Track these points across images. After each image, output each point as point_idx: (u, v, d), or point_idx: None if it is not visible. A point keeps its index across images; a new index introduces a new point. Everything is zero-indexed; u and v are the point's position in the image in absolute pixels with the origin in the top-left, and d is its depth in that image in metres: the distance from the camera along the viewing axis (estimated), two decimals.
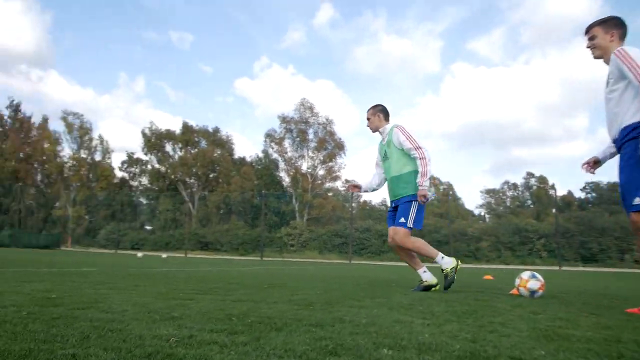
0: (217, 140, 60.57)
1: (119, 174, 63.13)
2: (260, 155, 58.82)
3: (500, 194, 72.59)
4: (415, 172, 4.91)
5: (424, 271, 5.03)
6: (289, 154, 55.00)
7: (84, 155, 60.62)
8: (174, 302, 3.20)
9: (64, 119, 59.93)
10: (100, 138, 62.35)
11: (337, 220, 48.17)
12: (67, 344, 1.72)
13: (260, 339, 1.91)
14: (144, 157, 60.76)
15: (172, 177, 58.27)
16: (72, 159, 60.05)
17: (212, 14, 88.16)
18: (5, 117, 62.83)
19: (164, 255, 26.18)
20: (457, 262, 4.98)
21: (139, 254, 24.67)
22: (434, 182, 51.37)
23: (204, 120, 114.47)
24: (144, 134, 58.51)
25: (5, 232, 43.07)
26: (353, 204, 50.68)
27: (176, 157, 59.28)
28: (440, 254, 4.95)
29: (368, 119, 5.36)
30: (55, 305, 2.77)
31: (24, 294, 3.41)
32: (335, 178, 55.65)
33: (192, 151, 59.25)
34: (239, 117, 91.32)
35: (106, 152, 62.26)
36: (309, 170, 54.35)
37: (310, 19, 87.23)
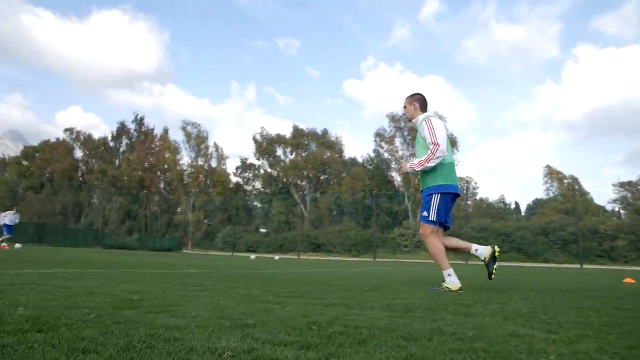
0: (327, 142, 60.59)
1: (234, 179, 65.37)
2: (372, 155, 57.75)
3: (639, 187, 65.15)
4: (440, 165, 4.79)
5: (449, 274, 4.76)
6: (400, 152, 53.45)
7: (201, 163, 63.45)
8: (258, 306, 2.98)
9: (184, 128, 63.16)
10: (215, 145, 64.88)
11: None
12: (102, 356, 1.53)
13: (331, 357, 1.64)
14: (257, 162, 62.33)
15: (284, 180, 59.07)
16: (190, 167, 63.12)
17: (316, 19, 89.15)
18: (132, 131, 67.72)
19: (277, 257, 26.15)
20: (494, 248, 4.83)
21: (252, 256, 24.62)
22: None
23: (313, 123, 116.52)
24: (255, 140, 59.96)
25: (134, 236, 45.84)
26: (468, 202, 47.91)
27: (287, 160, 60.06)
28: (450, 270, 4.78)
29: (404, 107, 5.22)
30: (131, 308, 2.67)
31: (110, 295, 3.31)
32: None
33: (303, 154, 59.66)
34: (347, 118, 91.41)
35: (221, 158, 64.71)
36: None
37: (416, 14, 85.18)
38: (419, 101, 5.11)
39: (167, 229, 61.28)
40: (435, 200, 4.76)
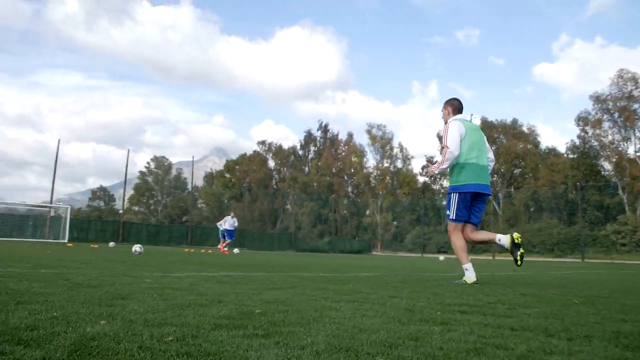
0: (518, 134, 55.86)
1: (421, 179, 63.80)
2: (576, 142, 51.54)
3: None
4: (458, 166, 5.07)
5: (466, 269, 5.03)
6: (609, 137, 46.74)
7: (386, 164, 63.25)
8: (410, 328, 2.03)
9: (368, 131, 63.62)
10: (400, 146, 64.12)
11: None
12: None
13: None
14: None
15: None
16: (376, 169, 63.29)
17: (497, 2, 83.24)
18: (318, 138, 70.42)
19: (442, 258, 24.42)
20: (512, 236, 4.86)
21: (441, 257, 23.11)
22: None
23: (502, 115, 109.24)
24: (439, 138, 57.69)
25: (325, 239, 47.11)
26: None
27: None
28: (468, 264, 5.05)
29: (442, 111, 5.48)
30: (234, 327, 1.90)
31: (235, 305, 2.59)
32: None
33: (492, 148, 55.74)
34: (541, 106, 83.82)
35: (406, 159, 63.74)
36: (639, 154, 45.05)
37: None
38: (452, 106, 5.40)
39: (357, 231, 62.18)
40: (454, 199, 5.10)
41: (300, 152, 71.39)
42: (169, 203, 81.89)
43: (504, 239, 4.91)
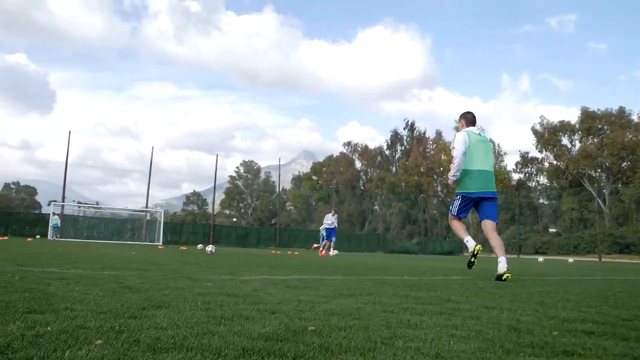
0: (626, 123, 51.04)
1: (515, 175, 60.56)
2: None
3: None
4: (464, 172, 5.68)
5: (467, 240, 5.85)
6: None
7: None
8: (521, 358, 1.54)
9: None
10: (492, 142, 61.34)
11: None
12: None
13: None
14: (539, 155, 56.54)
15: (573, 172, 51.97)
16: None
17: None
18: (405, 137, 69.00)
19: (570, 260, 22.51)
20: (476, 246, 5.63)
21: (540, 259, 21.48)
22: None
23: (605, 104, 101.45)
24: (534, 131, 54.45)
25: (414, 240, 45.88)
26: None
27: (575, 149, 52.89)
28: (467, 237, 5.86)
29: (457, 122, 6.57)
30: (267, 355, 1.46)
31: (286, 318, 2.11)
32: None
33: (595, 140, 51.56)
34: None
35: (499, 155, 60.73)
36: None
37: None
38: (466, 119, 6.01)
39: (448, 232, 60.14)
40: (457, 200, 5.84)
41: (387, 152, 70.24)
42: (259, 206, 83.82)
43: (470, 243, 5.75)
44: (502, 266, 5.27)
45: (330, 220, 18.72)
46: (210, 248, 11.58)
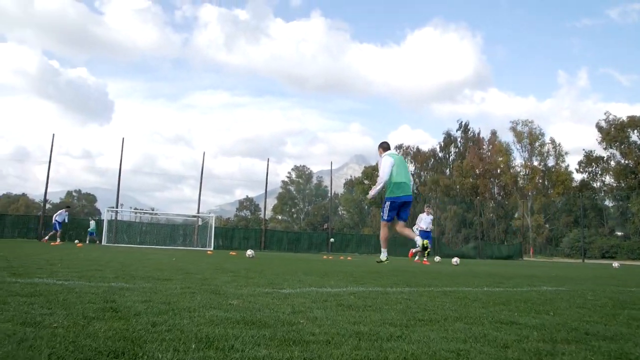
0: None
1: (577, 176, 57.37)
2: None
3: None
4: (390, 184, 7.28)
5: (383, 250, 7.78)
6: None
7: (536, 163, 57.87)
8: None
9: (513, 128, 58.71)
10: (552, 141, 58.26)
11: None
12: None
13: None
14: (604, 154, 53.25)
15: None
16: (525, 168, 58.12)
17: None
18: (459, 139, 66.64)
19: (615, 264, 20.58)
20: (422, 242, 7.23)
21: (615, 264, 19.71)
22: None
23: None
24: (599, 128, 51.31)
25: (471, 244, 43.99)
26: None
27: None
28: (384, 250, 7.82)
29: (378, 150, 7.98)
30: None
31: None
32: None
33: None
34: None
35: (559, 155, 57.76)
36: None
37: None
38: (382, 147, 7.78)
39: (505, 235, 57.65)
40: (386, 206, 7.30)
41: (440, 155, 68.09)
42: (311, 211, 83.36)
43: (419, 241, 7.20)
44: (384, 255, 7.67)
45: (425, 221, 15.42)
46: (250, 252, 11.18)
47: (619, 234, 49.95)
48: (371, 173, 72.73)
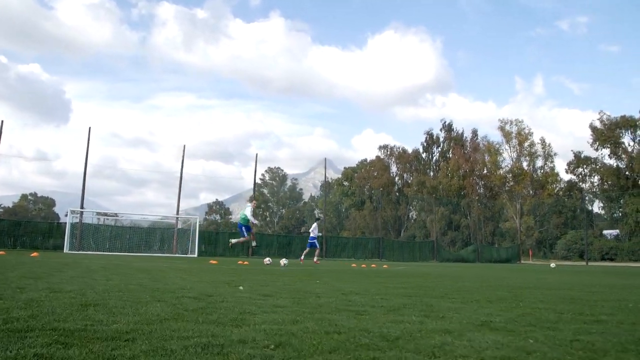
0: None
1: (565, 177, 55.84)
2: None
3: None
4: (246, 219, 15.31)
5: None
6: None
7: (525, 164, 55.98)
8: None
9: (501, 128, 56.52)
10: (542, 141, 56.39)
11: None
12: None
13: None
14: (594, 155, 51.78)
15: (637, 171, 47.35)
16: (514, 169, 56.07)
17: None
18: (441, 139, 64.01)
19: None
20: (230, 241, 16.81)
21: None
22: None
23: (620, 108, 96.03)
24: (593, 128, 49.50)
25: (470, 248, 41.53)
26: None
27: (634, 148, 48.26)
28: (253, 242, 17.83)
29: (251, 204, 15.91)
30: None
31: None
32: None
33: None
34: None
35: (548, 156, 56.11)
36: None
37: None
38: (250, 200, 16.07)
39: (493, 237, 55.62)
40: (244, 230, 15.20)
41: (424, 155, 65.36)
42: (285, 214, 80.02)
43: (234, 241, 16.21)
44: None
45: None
46: (284, 261, 7.88)
47: (609, 231, 48.59)
48: (351, 174, 70.00)
